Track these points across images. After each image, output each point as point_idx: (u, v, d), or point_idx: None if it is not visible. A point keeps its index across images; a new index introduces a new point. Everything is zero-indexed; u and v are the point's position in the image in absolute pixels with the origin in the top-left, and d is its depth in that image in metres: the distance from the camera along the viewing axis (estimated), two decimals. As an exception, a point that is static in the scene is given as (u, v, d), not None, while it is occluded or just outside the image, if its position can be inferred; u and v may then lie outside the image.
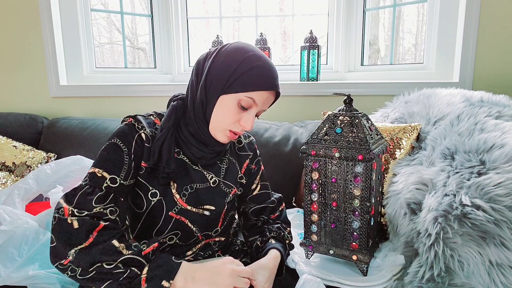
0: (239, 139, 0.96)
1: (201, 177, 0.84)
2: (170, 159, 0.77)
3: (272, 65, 0.81)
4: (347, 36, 1.80)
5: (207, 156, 0.84)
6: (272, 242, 0.88)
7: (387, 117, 1.32)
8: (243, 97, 0.76)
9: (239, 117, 0.79)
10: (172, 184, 0.80)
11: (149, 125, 0.80)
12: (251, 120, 0.79)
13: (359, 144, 0.90)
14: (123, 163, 0.74)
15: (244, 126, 0.79)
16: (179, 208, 0.80)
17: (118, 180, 0.72)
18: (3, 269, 0.95)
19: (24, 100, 1.88)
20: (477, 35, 1.49)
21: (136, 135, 0.77)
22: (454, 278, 0.80)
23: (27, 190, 1.30)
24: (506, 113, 1.07)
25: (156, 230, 0.80)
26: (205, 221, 0.84)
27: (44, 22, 1.78)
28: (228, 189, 0.88)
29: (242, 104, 0.77)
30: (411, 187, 0.99)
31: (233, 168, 0.91)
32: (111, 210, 0.69)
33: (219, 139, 0.81)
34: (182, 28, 1.95)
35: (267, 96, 0.80)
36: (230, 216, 0.92)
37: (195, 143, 0.82)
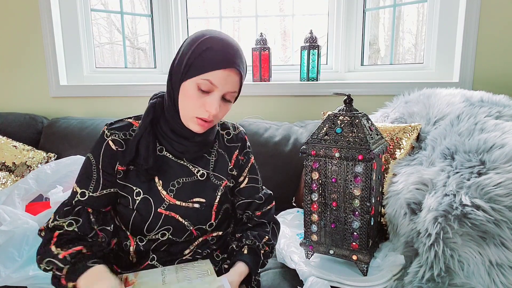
0: (227, 130, 0.94)
1: (187, 171, 0.85)
2: (149, 156, 0.79)
3: (230, 44, 0.78)
4: (347, 36, 1.80)
5: (190, 150, 0.84)
6: (244, 252, 0.86)
7: (387, 117, 1.32)
8: (200, 81, 0.76)
9: (202, 101, 0.77)
10: (157, 181, 0.82)
11: (124, 128, 0.83)
12: (214, 103, 0.76)
13: (359, 144, 0.90)
14: (92, 177, 0.81)
15: (209, 111, 0.77)
16: (168, 203, 0.82)
17: (87, 193, 0.80)
18: (3, 269, 0.95)
19: (24, 100, 1.88)
20: (477, 35, 1.49)
21: (104, 145, 0.81)
22: (454, 278, 0.80)
23: (27, 190, 1.30)
24: (506, 113, 1.07)
25: (147, 227, 0.81)
26: (196, 215, 0.84)
27: (44, 22, 1.78)
28: (219, 181, 0.87)
29: (201, 88, 0.76)
30: (411, 187, 0.99)
31: (223, 160, 0.89)
32: (70, 223, 0.77)
33: (192, 128, 0.81)
34: (182, 28, 1.95)
35: (225, 76, 0.76)
36: (225, 210, 0.90)
37: (175, 137, 0.83)
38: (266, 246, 0.89)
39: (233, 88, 0.79)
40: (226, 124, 0.96)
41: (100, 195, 0.80)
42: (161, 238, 0.83)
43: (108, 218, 0.84)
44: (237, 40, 2.55)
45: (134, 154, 0.79)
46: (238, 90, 0.81)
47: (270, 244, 0.90)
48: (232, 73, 0.77)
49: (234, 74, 0.77)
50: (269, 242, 0.90)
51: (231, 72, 0.77)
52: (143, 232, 0.82)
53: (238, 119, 1.70)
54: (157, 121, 0.84)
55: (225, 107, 0.81)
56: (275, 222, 0.96)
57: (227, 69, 0.76)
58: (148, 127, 0.81)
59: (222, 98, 0.79)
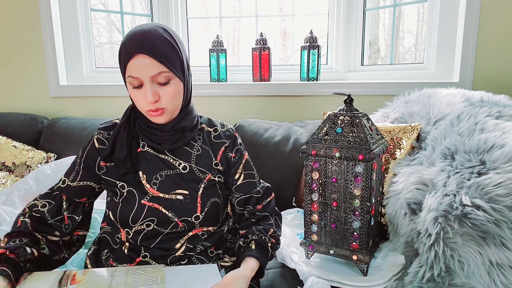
0: (215, 127, 0.96)
1: (168, 164, 0.89)
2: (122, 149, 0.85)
3: (136, 33, 0.79)
4: (347, 36, 1.80)
5: (167, 140, 0.88)
6: (252, 247, 0.87)
7: (387, 117, 1.33)
8: (128, 79, 0.81)
9: (141, 96, 0.81)
10: (141, 175, 0.87)
11: (109, 128, 0.91)
12: (147, 94, 0.79)
13: (360, 144, 0.90)
14: (74, 168, 0.91)
15: (148, 102, 0.80)
16: (151, 195, 0.86)
17: (67, 181, 0.89)
18: (3, 269, 0.95)
19: (24, 100, 1.88)
20: (477, 35, 1.49)
21: (90, 143, 0.91)
22: (454, 278, 0.80)
23: (27, 190, 1.30)
24: (506, 113, 1.07)
25: (131, 218, 0.85)
26: (179, 206, 0.86)
27: (44, 22, 1.78)
28: (202, 174, 0.90)
29: (133, 84, 0.81)
30: (411, 187, 0.99)
31: (206, 154, 0.92)
32: (43, 204, 0.86)
33: (153, 121, 0.85)
34: (182, 28, 1.95)
35: (136, 64, 0.78)
36: (213, 204, 0.90)
37: (150, 130, 0.88)
38: (272, 238, 0.91)
39: (155, 70, 0.78)
40: (214, 122, 0.97)
41: (76, 185, 0.89)
42: (146, 229, 0.86)
43: (79, 209, 0.90)
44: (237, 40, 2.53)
45: (110, 149, 0.86)
46: (167, 69, 0.79)
47: (275, 236, 0.92)
48: (141, 58, 0.77)
49: (144, 58, 0.77)
50: (274, 234, 0.92)
51: (139, 58, 0.77)
52: (129, 223, 0.85)
53: (238, 119, 1.70)
54: (135, 119, 0.90)
55: (166, 90, 0.81)
56: (277, 213, 0.98)
57: (134, 58, 0.77)
58: (125, 124, 0.88)
59: (157, 84, 0.80)
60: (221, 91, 1.76)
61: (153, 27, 0.80)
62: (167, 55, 0.80)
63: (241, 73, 1.89)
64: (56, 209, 0.87)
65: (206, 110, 1.78)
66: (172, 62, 0.81)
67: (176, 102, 0.85)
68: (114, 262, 0.88)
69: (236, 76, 1.88)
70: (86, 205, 0.92)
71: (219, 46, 1.77)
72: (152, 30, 0.79)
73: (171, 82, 0.82)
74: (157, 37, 0.79)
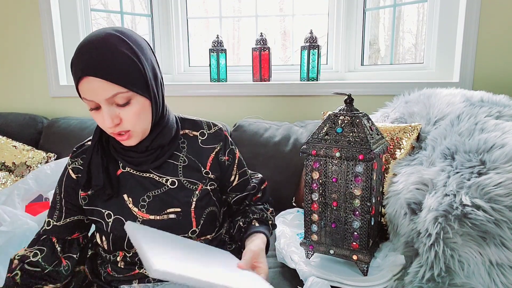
0: (201, 131, 0.86)
1: (155, 183, 0.81)
2: (99, 175, 0.77)
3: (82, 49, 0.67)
4: (347, 36, 1.80)
5: (147, 159, 0.80)
6: (256, 224, 0.84)
7: (387, 117, 1.32)
8: (84, 101, 0.70)
9: (101, 119, 0.71)
10: (127, 199, 0.79)
11: (82, 153, 0.83)
12: (104, 118, 0.68)
13: (360, 144, 0.90)
14: (56, 207, 0.83)
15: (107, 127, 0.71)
16: (141, 219, 0.79)
17: (52, 222, 0.82)
18: (4, 270, 0.95)
19: (24, 100, 1.88)
20: (477, 35, 1.49)
21: (65, 174, 0.83)
22: (454, 278, 0.80)
23: (27, 190, 1.30)
24: (506, 113, 1.07)
25: (126, 244, 0.80)
26: (174, 225, 0.80)
27: (44, 22, 1.78)
28: (193, 185, 0.82)
29: (90, 106, 0.71)
30: (411, 187, 0.99)
31: (194, 164, 0.83)
32: (35, 253, 0.80)
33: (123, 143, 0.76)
34: (182, 28, 1.95)
35: (87, 87, 0.67)
36: (209, 213, 0.84)
37: (124, 152, 0.80)
38: (272, 217, 0.91)
39: (109, 93, 0.67)
40: (199, 124, 0.88)
41: (63, 224, 0.82)
42: None
43: (75, 246, 0.85)
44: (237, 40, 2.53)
45: (86, 177, 0.78)
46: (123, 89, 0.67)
47: (273, 216, 0.93)
48: (91, 80, 0.66)
49: (93, 81, 0.66)
50: (272, 214, 0.93)
51: (89, 81, 0.66)
52: (124, 248, 0.80)
53: (238, 119, 1.70)
54: (108, 139, 0.81)
55: (127, 111, 0.70)
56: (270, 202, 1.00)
57: (82, 80, 0.67)
58: (97, 147, 0.79)
59: (116, 105, 0.70)
60: (221, 91, 1.76)
61: (106, 37, 0.67)
62: (123, 72, 0.67)
63: (241, 73, 1.89)
64: (50, 254, 0.80)
65: (206, 110, 1.78)
66: (130, 80, 0.68)
67: (143, 122, 0.73)
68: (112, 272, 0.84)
69: (236, 76, 1.88)
70: (80, 240, 0.86)
71: (219, 46, 1.77)
72: (103, 42, 0.66)
73: (132, 101, 0.70)
74: (109, 51, 0.66)
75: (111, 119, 0.68)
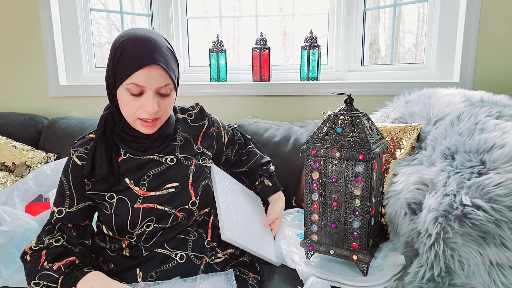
0: (188, 112, 0.99)
1: (154, 163, 0.88)
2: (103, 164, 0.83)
3: (144, 40, 0.77)
4: (347, 36, 1.80)
5: (152, 145, 0.88)
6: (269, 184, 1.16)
7: (388, 117, 1.32)
8: (128, 86, 0.77)
9: (139, 104, 0.78)
10: (129, 182, 0.86)
11: (85, 143, 0.88)
12: (149, 103, 0.77)
13: (360, 144, 0.90)
14: (65, 195, 0.86)
15: (147, 112, 0.78)
16: (142, 197, 0.85)
17: (64, 210, 0.85)
18: (5, 270, 0.95)
19: (24, 100, 1.88)
20: (477, 35, 1.49)
21: (71, 163, 0.86)
22: (455, 278, 0.80)
23: (27, 190, 1.30)
24: (506, 113, 1.07)
25: (129, 224, 0.84)
26: (173, 198, 0.86)
27: (44, 22, 1.77)
28: (188, 161, 0.92)
29: (132, 92, 0.77)
30: (411, 187, 0.99)
31: (188, 142, 0.95)
32: (57, 239, 0.81)
33: (141, 130, 0.83)
34: (182, 28, 1.95)
35: (147, 74, 0.76)
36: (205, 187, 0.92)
37: (134, 139, 0.86)
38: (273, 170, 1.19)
39: (162, 82, 0.78)
40: (184, 107, 1.00)
41: (76, 210, 0.85)
42: (147, 229, 0.85)
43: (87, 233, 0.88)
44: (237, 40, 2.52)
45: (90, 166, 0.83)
46: (171, 82, 0.80)
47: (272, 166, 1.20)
48: (154, 69, 0.76)
49: (156, 69, 0.77)
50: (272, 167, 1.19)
51: (152, 69, 0.76)
52: (127, 230, 0.84)
53: (238, 119, 1.70)
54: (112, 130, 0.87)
55: (166, 101, 0.82)
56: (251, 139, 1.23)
57: (146, 68, 0.75)
58: (101, 138, 0.85)
59: (158, 94, 0.80)
60: (221, 91, 1.76)
61: (157, 36, 0.79)
62: (173, 67, 0.80)
63: (241, 73, 1.89)
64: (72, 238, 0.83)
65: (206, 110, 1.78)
66: (176, 75, 0.82)
67: (169, 112, 0.87)
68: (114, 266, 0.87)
69: (236, 76, 1.88)
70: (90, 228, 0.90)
71: (219, 46, 1.77)
72: (159, 40, 0.78)
73: (171, 93, 0.82)
74: (165, 47, 0.79)
75: (155, 105, 0.78)
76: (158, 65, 0.76)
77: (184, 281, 0.83)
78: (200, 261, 0.88)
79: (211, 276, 0.85)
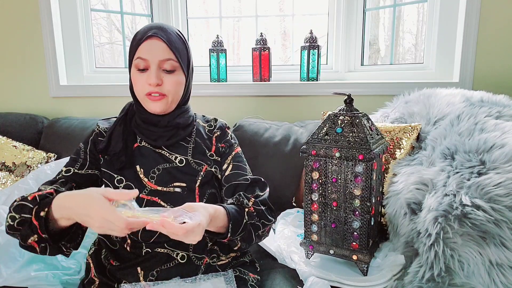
0: (208, 123, 1.01)
1: (165, 158, 0.91)
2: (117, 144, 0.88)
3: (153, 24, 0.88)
4: (347, 36, 1.80)
5: (163, 135, 0.91)
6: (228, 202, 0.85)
7: (387, 117, 1.33)
8: (135, 62, 0.86)
9: (144, 78, 0.86)
10: (139, 170, 0.89)
11: (107, 123, 0.96)
12: (152, 75, 0.84)
13: (360, 144, 0.90)
14: (79, 158, 0.90)
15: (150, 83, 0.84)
16: (149, 189, 0.87)
17: (72, 169, 0.87)
18: (5, 269, 0.95)
19: (24, 100, 1.88)
20: (477, 35, 1.49)
21: (92, 134, 0.93)
22: (454, 278, 0.80)
23: (27, 190, 1.30)
24: (506, 113, 1.07)
25: None
26: (178, 198, 0.87)
27: (44, 22, 1.77)
28: (199, 166, 0.92)
29: (139, 67, 0.86)
30: (411, 187, 0.99)
31: (201, 147, 0.95)
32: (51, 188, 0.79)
33: (150, 107, 0.88)
34: (182, 28, 1.95)
35: (148, 46, 0.84)
36: (211, 195, 0.91)
37: (146, 126, 0.91)
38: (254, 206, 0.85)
39: (164, 55, 0.85)
40: (208, 118, 1.04)
41: (85, 173, 0.88)
42: None
43: None
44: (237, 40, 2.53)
45: (106, 143, 0.89)
46: (175, 58, 0.86)
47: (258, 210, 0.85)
48: (154, 40, 0.84)
49: (157, 41, 0.84)
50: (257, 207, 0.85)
51: (152, 41, 0.84)
52: None
53: (238, 119, 1.70)
54: (131, 119, 0.94)
55: (171, 78, 0.86)
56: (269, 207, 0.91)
57: (147, 40, 0.84)
58: (121, 121, 0.92)
59: (163, 71, 0.86)
60: (221, 91, 1.76)
61: (168, 25, 0.90)
62: (178, 46, 0.87)
63: (241, 73, 1.89)
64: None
65: (206, 110, 1.77)
66: (181, 54, 0.88)
67: (177, 93, 0.89)
68: (115, 262, 0.88)
69: (236, 76, 1.88)
70: None
71: (219, 46, 1.77)
72: (168, 25, 0.89)
73: (176, 72, 0.87)
74: (172, 30, 0.88)
75: (157, 77, 0.84)
76: (158, 37, 0.84)
77: (184, 281, 0.83)
78: (201, 262, 0.88)
79: (211, 276, 0.85)
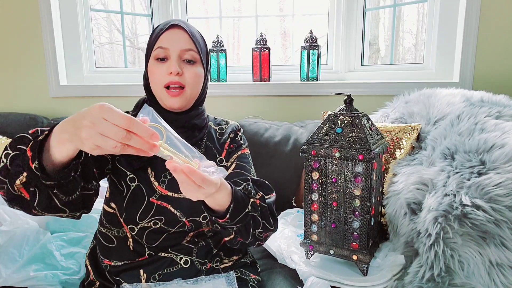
0: (220, 126, 0.98)
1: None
2: None
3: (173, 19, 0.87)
4: (347, 36, 1.80)
5: None
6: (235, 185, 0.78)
7: (387, 117, 1.33)
8: (155, 52, 0.84)
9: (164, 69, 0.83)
10: (150, 172, 0.86)
11: None
12: (172, 64, 0.82)
13: (360, 144, 0.90)
14: None
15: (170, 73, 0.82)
16: (159, 194, 0.85)
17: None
18: (4, 270, 0.95)
19: (24, 100, 1.88)
20: (477, 35, 1.49)
21: None
22: (454, 278, 0.80)
23: (27, 190, 1.29)
24: (506, 113, 1.07)
25: (139, 215, 0.83)
26: (188, 206, 0.85)
27: (44, 22, 1.77)
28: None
29: (159, 57, 0.84)
30: (411, 187, 0.99)
31: (211, 152, 0.93)
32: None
33: (168, 102, 0.85)
34: (182, 28, 1.95)
35: (170, 35, 0.83)
36: None
37: None
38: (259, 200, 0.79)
39: (186, 45, 0.83)
40: (219, 121, 1.01)
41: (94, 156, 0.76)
42: (153, 226, 0.85)
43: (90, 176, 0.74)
44: (237, 40, 2.53)
45: None
46: (195, 48, 0.84)
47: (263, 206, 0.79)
48: (176, 29, 0.84)
49: (178, 31, 0.84)
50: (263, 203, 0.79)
51: (174, 30, 0.83)
52: (135, 220, 0.83)
53: (238, 119, 1.70)
54: None
55: (191, 70, 0.84)
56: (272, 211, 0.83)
57: (169, 30, 0.83)
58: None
59: (183, 61, 0.84)
60: (221, 91, 1.76)
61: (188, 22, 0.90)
62: (199, 40, 0.87)
63: (241, 73, 1.89)
64: None
65: (206, 110, 1.78)
66: (201, 48, 0.87)
67: (195, 87, 0.87)
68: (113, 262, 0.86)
69: (236, 76, 1.88)
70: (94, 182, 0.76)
71: (219, 46, 1.77)
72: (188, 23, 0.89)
73: (196, 64, 0.86)
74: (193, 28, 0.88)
75: (177, 67, 0.82)
76: (180, 27, 0.83)
77: (185, 282, 0.83)
78: (204, 266, 0.87)
79: (212, 277, 0.85)
